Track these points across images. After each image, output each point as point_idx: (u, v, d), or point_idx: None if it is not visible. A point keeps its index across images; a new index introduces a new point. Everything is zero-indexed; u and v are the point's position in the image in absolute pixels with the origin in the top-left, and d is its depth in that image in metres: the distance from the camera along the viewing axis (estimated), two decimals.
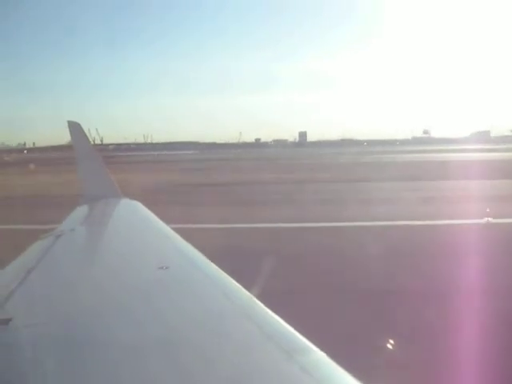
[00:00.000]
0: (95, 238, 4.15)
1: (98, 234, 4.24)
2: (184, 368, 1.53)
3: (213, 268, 2.56)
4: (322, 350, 1.56)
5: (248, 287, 2.23)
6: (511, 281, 9.00)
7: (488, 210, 15.40)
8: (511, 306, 7.74)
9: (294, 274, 9.64)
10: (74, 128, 6.43)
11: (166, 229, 3.88)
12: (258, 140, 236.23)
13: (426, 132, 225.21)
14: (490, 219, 15.08)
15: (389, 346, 6.17)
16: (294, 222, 16.26)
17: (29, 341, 1.75)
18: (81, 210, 5.33)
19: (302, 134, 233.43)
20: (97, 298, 2.24)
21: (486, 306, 7.43)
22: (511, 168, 37.09)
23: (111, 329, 1.85)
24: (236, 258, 8.79)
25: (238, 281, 2.32)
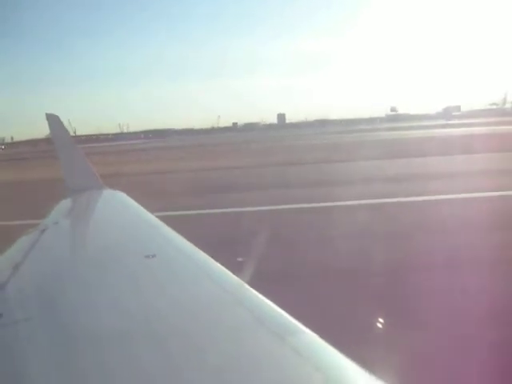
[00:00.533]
0: (80, 230, 4.12)
1: (83, 226, 4.21)
2: (175, 355, 1.53)
3: (200, 255, 2.56)
4: (314, 331, 1.58)
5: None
6: None
7: None
8: None
9: None
10: (53, 120, 6.33)
11: (152, 218, 3.87)
12: (235, 124, 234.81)
13: (393, 109, 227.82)
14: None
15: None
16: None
17: (18, 336, 1.74)
18: (65, 203, 5.28)
19: (281, 116, 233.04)
20: (85, 290, 2.23)
21: None
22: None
23: (101, 320, 1.84)
24: None
25: None
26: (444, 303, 6.94)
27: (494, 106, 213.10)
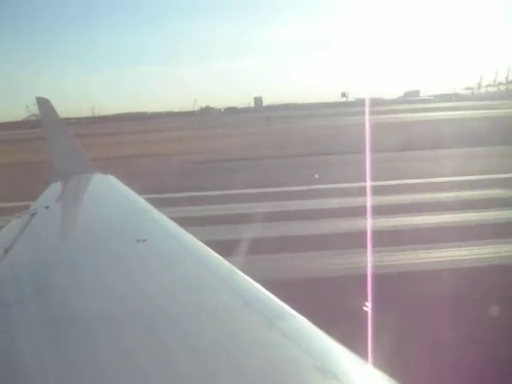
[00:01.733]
0: (71, 214, 4.09)
1: (73, 210, 4.18)
2: (165, 337, 1.54)
3: (190, 239, 2.56)
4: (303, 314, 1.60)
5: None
6: None
7: None
8: None
9: None
10: (43, 104, 6.24)
11: (142, 202, 3.85)
12: (208, 107, 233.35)
13: (343, 95, 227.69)
14: None
15: None
16: None
17: (10, 319, 1.74)
18: (55, 187, 5.23)
19: (257, 100, 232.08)
20: (76, 274, 2.23)
21: None
22: None
23: (92, 303, 1.84)
24: None
25: None
26: None
27: (469, 91, 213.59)
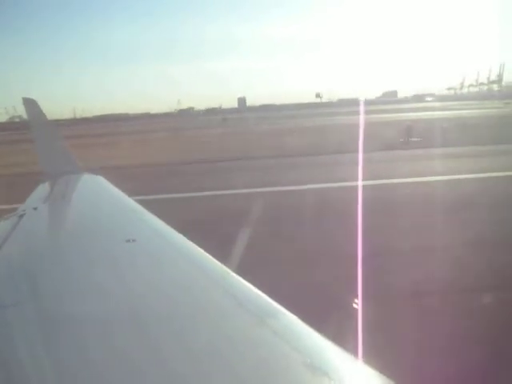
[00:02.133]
0: (60, 215, 4.07)
1: (62, 211, 4.16)
2: (156, 338, 1.54)
3: (180, 239, 2.56)
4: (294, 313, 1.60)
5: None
6: None
7: None
8: None
9: None
10: (30, 105, 6.20)
11: (131, 202, 3.84)
12: (191, 108, 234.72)
13: (317, 95, 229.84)
14: None
15: None
16: None
17: None
18: (43, 188, 5.20)
19: (241, 100, 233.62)
20: (65, 275, 2.22)
21: None
22: None
23: (83, 304, 1.84)
24: None
25: None
26: None
27: (452, 91, 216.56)
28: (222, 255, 2.36)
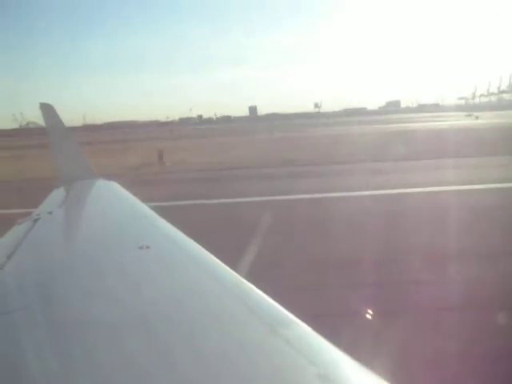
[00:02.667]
0: (74, 220, 4.10)
1: (76, 216, 4.19)
2: (169, 345, 1.53)
3: (193, 246, 2.56)
4: (306, 323, 1.59)
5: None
6: None
7: None
8: None
9: None
10: (47, 110, 6.27)
11: (145, 208, 3.85)
12: (200, 117, 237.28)
13: (316, 106, 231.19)
14: None
15: None
16: None
17: (11, 327, 1.74)
18: (57, 193, 5.24)
19: (252, 109, 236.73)
20: (79, 281, 2.23)
21: None
22: None
23: (95, 311, 1.84)
24: None
25: None
26: None
27: (463, 101, 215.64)
28: None
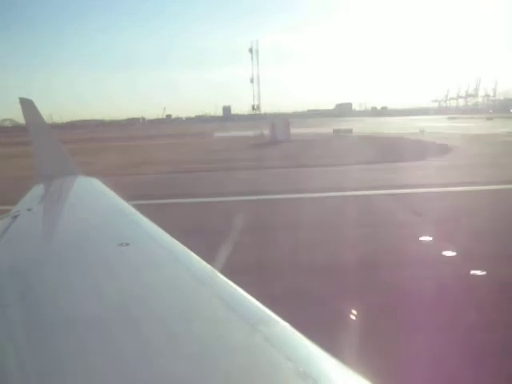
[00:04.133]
0: (53, 216, 4.05)
1: (56, 213, 4.14)
2: (149, 343, 1.53)
3: (174, 244, 2.55)
4: (285, 320, 1.59)
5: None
6: None
7: None
8: None
9: None
10: (27, 105, 6.18)
11: (125, 205, 3.83)
12: (168, 116, 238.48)
13: (254, 108, 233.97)
14: None
15: None
16: None
17: None
18: (37, 189, 5.18)
19: (226, 108, 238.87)
20: (58, 278, 2.21)
21: None
22: None
23: (74, 307, 1.83)
24: None
25: None
26: None
27: (436, 104, 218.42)
28: None
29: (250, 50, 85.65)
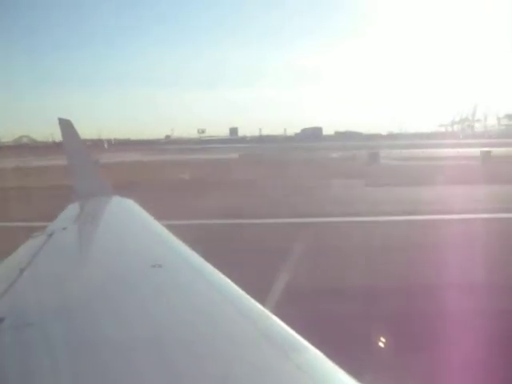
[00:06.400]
0: (88, 236, 4.11)
1: (90, 233, 4.20)
2: (179, 365, 1.52)
3: (206, 266, 2.55)
4: (319, 348, 1.56)
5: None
6: None
7: None
8: None
9: None
10: (65, 125, 6.34)
11: (159, 226, 3.86)
12: (167, 137, 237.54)
13: (232, 132, 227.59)
14: None
15: None
16: None
17: (21, 341, 1.73)
18: (72, 208, 5.28)
19: (233, 130, 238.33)
20: (90, 297, 2.22)
21: None
22: None
23: (105, 328, 1.84)
24: None
25: None
26: None
27: (443, 128, 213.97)
28: None
29: None
